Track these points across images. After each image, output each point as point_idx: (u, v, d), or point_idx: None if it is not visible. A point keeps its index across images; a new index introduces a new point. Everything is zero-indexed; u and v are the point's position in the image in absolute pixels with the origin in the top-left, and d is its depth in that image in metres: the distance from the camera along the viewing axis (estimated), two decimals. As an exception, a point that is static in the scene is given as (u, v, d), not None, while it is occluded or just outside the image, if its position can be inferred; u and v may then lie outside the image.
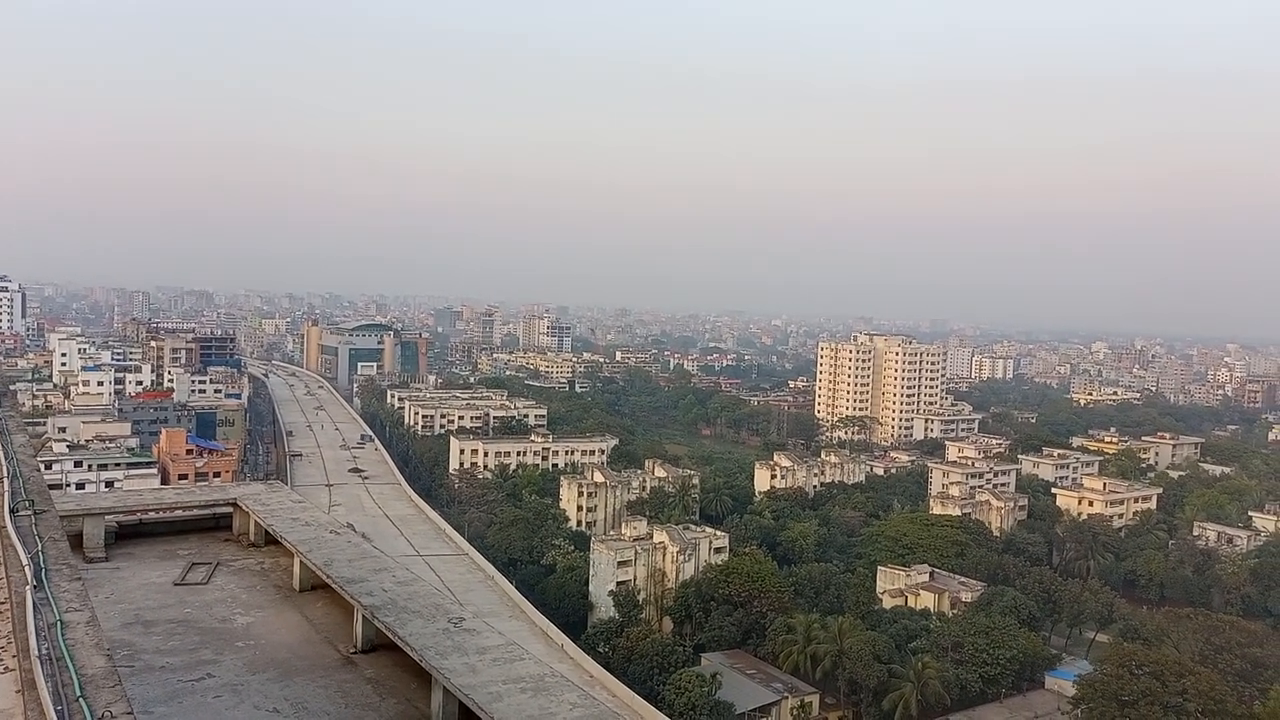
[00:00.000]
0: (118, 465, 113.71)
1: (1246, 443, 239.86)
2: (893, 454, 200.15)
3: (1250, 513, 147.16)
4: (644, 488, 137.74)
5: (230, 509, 14.63)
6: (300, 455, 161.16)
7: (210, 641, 9.94)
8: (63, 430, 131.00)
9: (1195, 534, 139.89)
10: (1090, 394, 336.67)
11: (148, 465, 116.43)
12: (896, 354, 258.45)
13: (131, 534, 14.64)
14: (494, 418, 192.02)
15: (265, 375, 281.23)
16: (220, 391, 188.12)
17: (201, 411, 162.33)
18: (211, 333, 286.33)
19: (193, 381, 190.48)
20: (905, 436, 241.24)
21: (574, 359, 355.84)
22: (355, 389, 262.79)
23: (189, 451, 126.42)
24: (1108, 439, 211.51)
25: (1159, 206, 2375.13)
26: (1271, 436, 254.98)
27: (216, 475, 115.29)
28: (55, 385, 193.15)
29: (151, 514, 14.90)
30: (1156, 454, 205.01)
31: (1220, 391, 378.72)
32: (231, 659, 9.46)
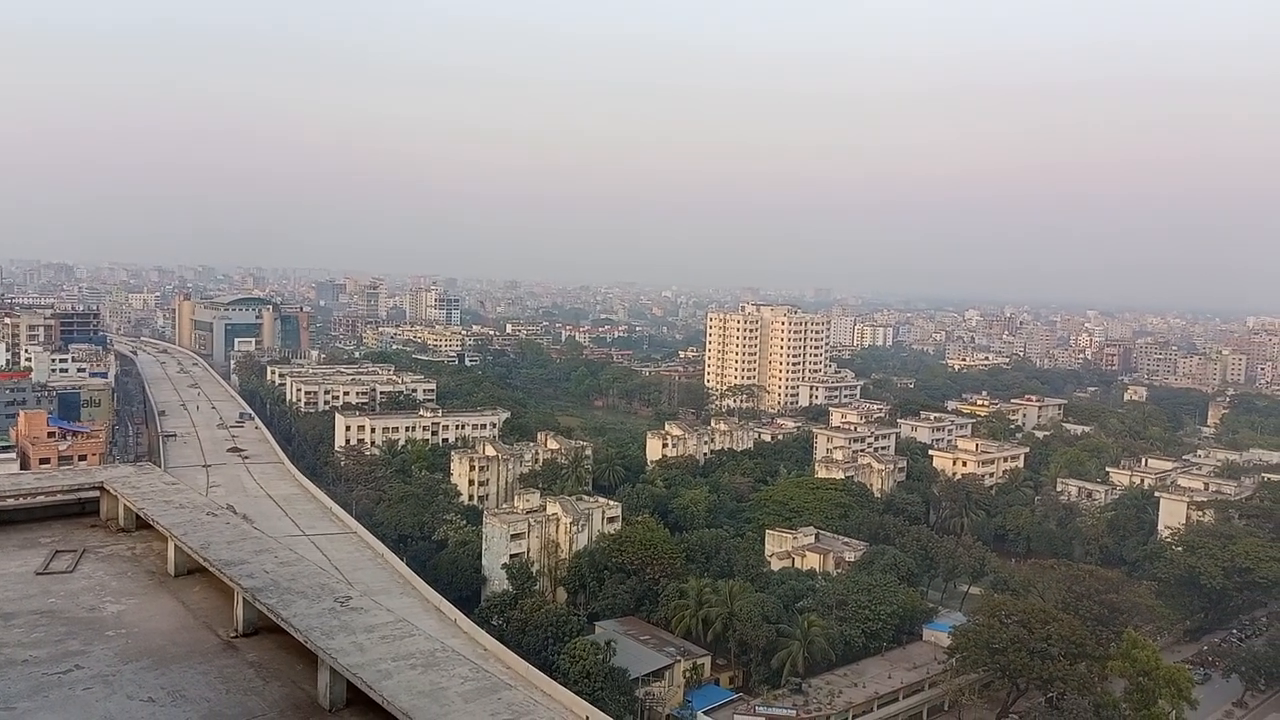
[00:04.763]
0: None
1: (1105, 403, 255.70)
2: (779, 421, 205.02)
3: (1108, 469, 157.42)
4: (536, 460, 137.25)
5: (97, 493, 13.86)
6: (174, 436, 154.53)
7: (78, 632, 9.42)
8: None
9: (1059, 490, 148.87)
10: (964, 359, 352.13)
11: (5, 450, 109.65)
12: (782, 324, 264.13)
13: (-13, 523, 13.76)
14: (381, 393, 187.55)
15: (134, 352, 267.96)
16: (84, 370, 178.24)
17: (64, 392, 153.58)
18: (73, 308, 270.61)
19: (53, 360, 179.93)
20: (791, 404, 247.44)
21: (463, 332, 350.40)
22: (233, 366, 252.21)
23: (51, 434, 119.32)
24: (980, 402, 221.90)
25: (1025, 182, 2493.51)
26: (1127, 397, 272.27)
27: (82, 459, 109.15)
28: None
29: (9, 500, 14.00)
30: (1024, 415, 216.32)
31: (1081, 355, 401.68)
32: (102, 649, 8.99)
